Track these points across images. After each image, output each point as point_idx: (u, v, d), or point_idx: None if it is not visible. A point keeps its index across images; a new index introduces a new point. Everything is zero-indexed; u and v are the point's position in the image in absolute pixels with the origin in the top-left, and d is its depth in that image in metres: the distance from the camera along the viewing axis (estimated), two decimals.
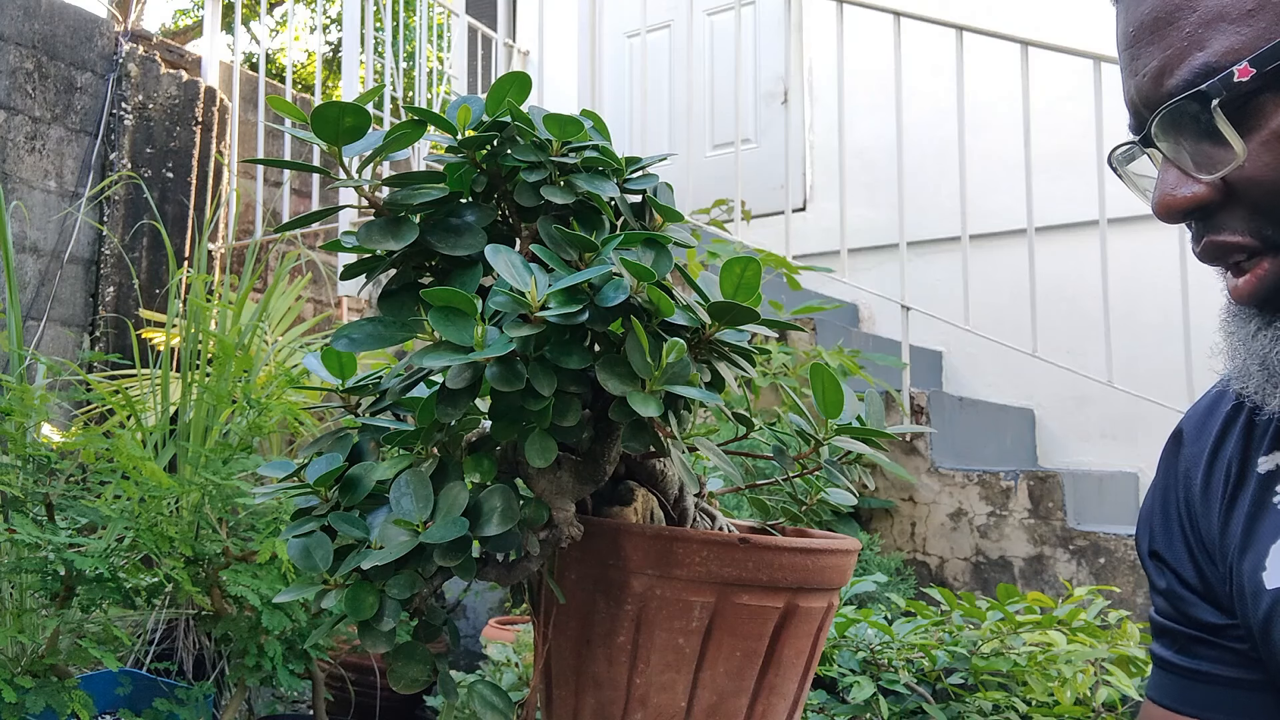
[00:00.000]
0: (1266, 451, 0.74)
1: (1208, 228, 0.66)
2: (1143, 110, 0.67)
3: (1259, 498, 0.72)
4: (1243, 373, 0.68)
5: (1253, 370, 0.67)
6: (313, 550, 0.76)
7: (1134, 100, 0.68)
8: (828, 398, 0.87)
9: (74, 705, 1.63)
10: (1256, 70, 0.59)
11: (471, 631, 3.10)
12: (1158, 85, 0.64)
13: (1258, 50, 0.60)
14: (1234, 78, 0.60)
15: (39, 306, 3.51)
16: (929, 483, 2.94)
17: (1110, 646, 1.84)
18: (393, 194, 0.81)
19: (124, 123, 3.76)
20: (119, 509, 1.74)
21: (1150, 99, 0.65)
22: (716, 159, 4.35)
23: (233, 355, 2.15)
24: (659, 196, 0.87)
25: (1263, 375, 0.66)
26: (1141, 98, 0.66)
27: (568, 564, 0.84)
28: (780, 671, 0.84)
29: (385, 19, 4.35)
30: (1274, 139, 0.61)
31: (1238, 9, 0.61)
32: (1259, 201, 0.63)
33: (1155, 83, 0.65)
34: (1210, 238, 0.66)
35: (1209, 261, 0.68)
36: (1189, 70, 0.62)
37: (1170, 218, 0.67)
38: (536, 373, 0.72)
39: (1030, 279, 2.96)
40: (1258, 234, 0.64)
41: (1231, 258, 0.66)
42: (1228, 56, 0.61)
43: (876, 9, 3.26)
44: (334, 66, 7.08)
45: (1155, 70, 0.65)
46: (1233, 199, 0.64)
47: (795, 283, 3.22)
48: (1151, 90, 0.65)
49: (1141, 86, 0.66)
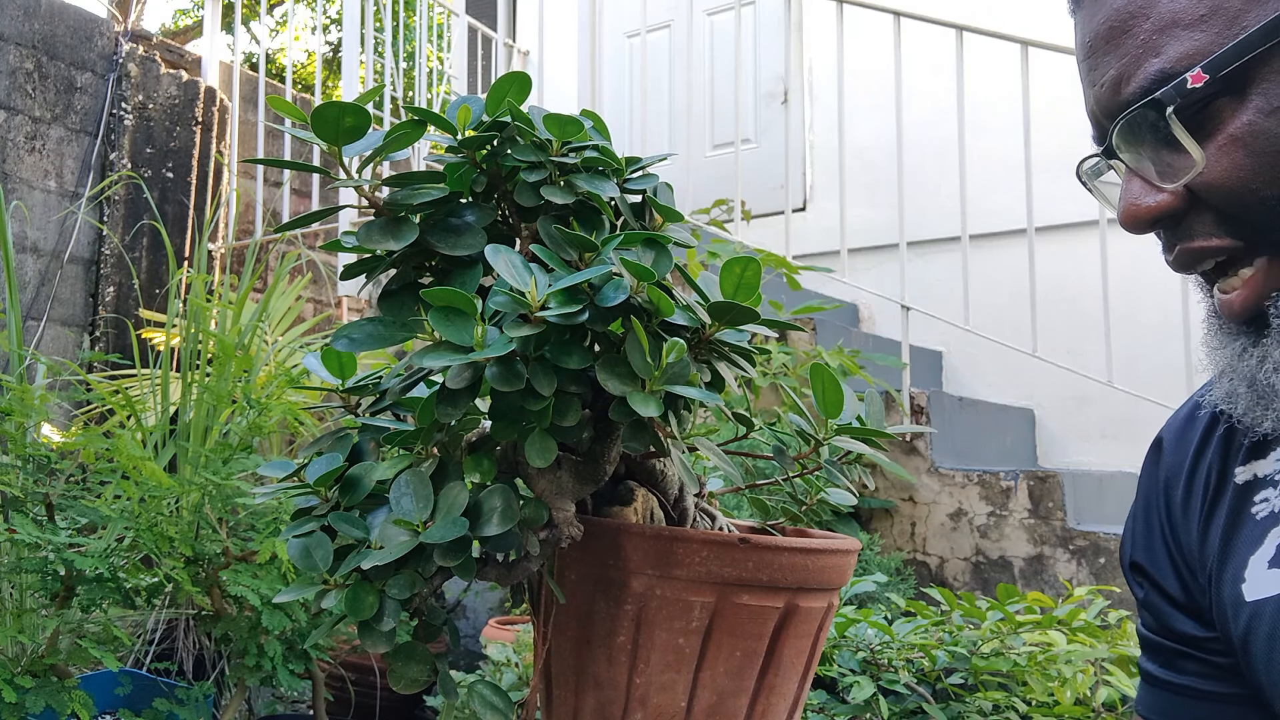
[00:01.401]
0: (1244, 462, 0.73)
1: (1178, 235, 0.65)
2: (1103, 121, 0.66)
3: (1236, 508, 0.72)
4: (1230, 394, 0.67)
5: (1240, 391, 0.65)
6: (313, 550, 0.76)
7: (1094, 111, 0.67)
8: (828, 398, 0.87)
9: (74, 705, 1.63)
10: (1210, 76, 0.59)
11: (471, 631, 3.10)
12: (1115, 94, 0.64)
13: (1211, 55, 0.59)
14: (1188, 84, 0.59)
15: (39, 306, 3.51)
16: (929, 483, 2.94)
17: (1110, 646, 1.84)
18: (393, 194, 0.81)
19: (124, 123, 3.76)
20: (119, 509, 1.74)
21: (1109, 109, 0.65)
22: (716, 159, 4.35)
23: (233, 355, 2.15)
24: (659, 196, 0.87)
25: (1251, 396, 0.65)
26: (1101, 108, 0.66)
27: (568, 564, 0.84)
28: (780, 671, 0.84)
29: (385, 19, 4.35)
30: (1230, 143, 0.60)
31: (1190, 14, 0.60)
32: (1222, 206, 0.62)
33: (1113, 92, 0.64)
34: (1183, 245, 0.65)
35: (1183, 270, 0.67)
36: (1145, 78, 0.62)
37: (1137, 228, 0.66)
38: (536, 373, 0.72)
39: (1030, 279, 2.96)
40: (1234, 235, 0.63)
41: (1206, 263, 0.65)
42: (1182, 62, 0.60)
43: (876, 9, 3.26)
44: (334, 66, 7.08)
45: (1113, 79, 0.64)
46: (1198, 205, 0.63)
47: (795, 283, 3.22)
48: (1110, 100, 0.65)
49: (1101, 97, 0.65)
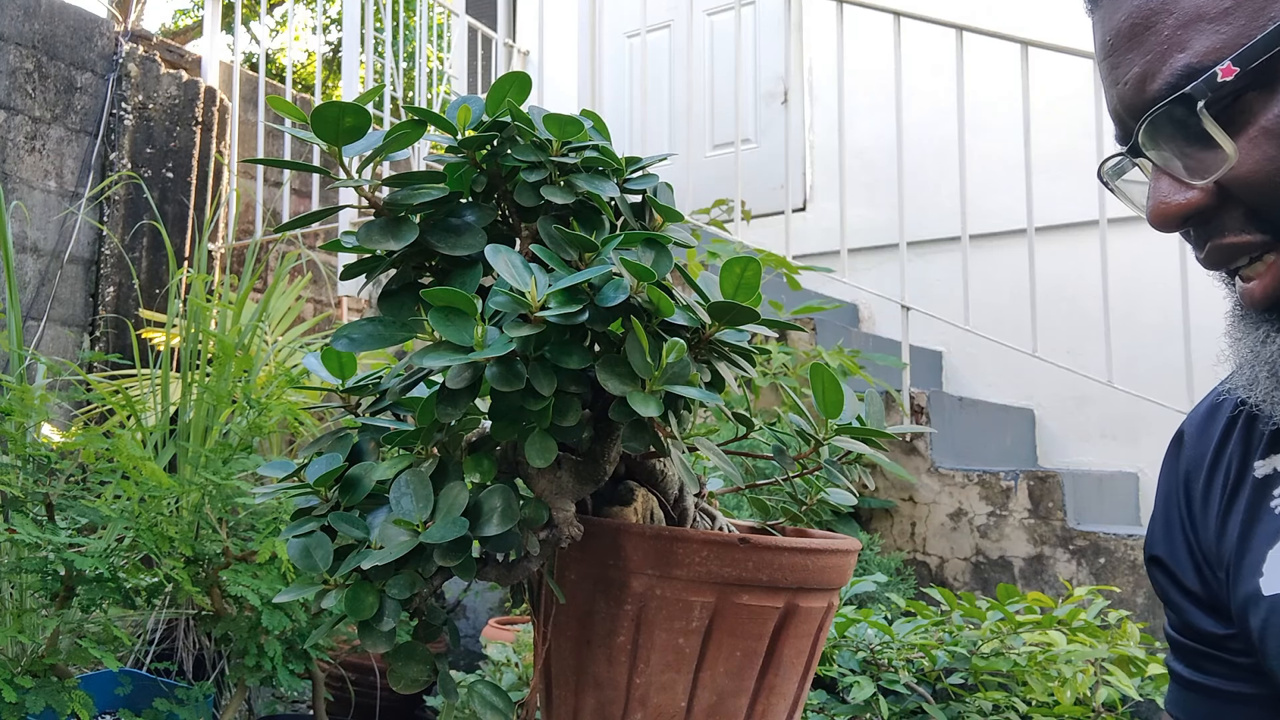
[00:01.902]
0: (1263, 455, 0.73)
1: (1209, 232, 0.65)
2: (1127, 119, 0.66)
3: (1255, 503, 0.71)
4: (1250, 381, 0.67)
5: (1261, 378, 0.65)
6: (313, 550, 0.76)
7: (1118, 110, 0.66)
8: (828, 398, 0.87)
9: (74, 705, 1.63)
10: (1240, 69, 0.58)
11: (471, 631, 3.10)
12: (1140, 92, 0.63)
13: (1239, 48, 0.59)
14: (1218, 78, 0.59)
15: (39, 306, 3.51)
16: (929, 483, 2.94)
17: (1110, 646, 1.84)
18: (393, 194, 0.81)
19: (124, 123, 3.76)
20: (119, 509, 1.74)
21: (1134, 107, 0.64)
22: (716, 159, 4.35)
23: (233, 355, 2.15)
24: (659, 196, 0.87)
25: (1271, 383, 0.65)
26: (1125, 106, 0.65)
27: (568, 564, 0.84)
28: (780, 671, 0.84)
29: (385, 19, 4.35)
30: (1262, 136, 0.60)
31: (1215, 8, 0.60)
32: (1255, 200, 0.62)
33: (1138, 90, 0.64)
34: (1215, 241, 0.65)
35: (1215, 267, 0.66)
36: (1171, 73, 0.61)
37: (1167, 227, 0.65)
38: (536, 373, 0.72)
39: (1030, 279, 2.96)
40: (1265, 229, 0.62)
41: (1240, 259, 0.65)
42: (1209, 56, 0.60)
43: (876, 9, 3.26)
44: (334, 66, 7.08)
45: (1137, 77, 0.63)
46: (1229, 201, 0.63)
47: (795, 283, 3.22)
48: (1135, 97, 0.64)
49: (1124, 95, 0.65)
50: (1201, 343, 2.77)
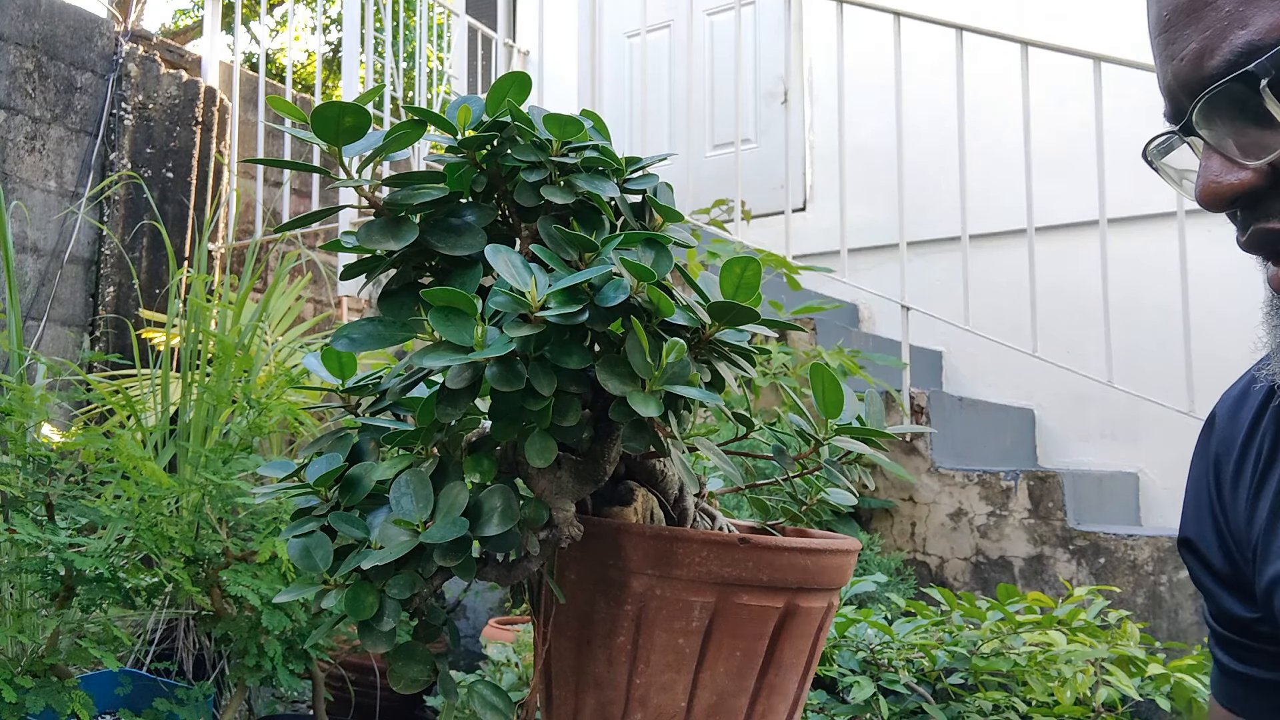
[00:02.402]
0: None
1: (1255, 215, 0.63)
2: (1182, 97, 0.63)
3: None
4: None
5: None
6: (313, 550, 0.76)
7: (1171, 86, 0.64)
8: (828, 398, 0.87)
9: (74, 705, 1.63)
10: None
11: (471, 631, 3.10)
12: (1198, 68, 0.61)
13: None
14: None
15: (39, 306, 3.51)
16: (929, 483, 2.94)
17: (1110, 646, 1.85)
18: (393, 194, 0.81)
19: (124, 123, 3.76)
20: (119, 509, 1.74)
21: (1190, 84, 0.62)
22: (716, 159, 4.35)
23: (233, 355, 2.15)
24: (659, 196, 0.87)
25: None
26: (1180, 83, 0.63)
27: (568, 564, 0.84)
28: (780, 671, 0.84)
29: (385, 19, 4.35)
30: None
31: None
32: None
33: (1195, 66, 0.61)
34: (1259, 225, 0.63)
35: (1255, 250, 0.64)
36: (1231, 50, 0.59)
37: (1216, 206, 0.63)
38: (536, 373, 0.72)
39: (1030, 279, 2.96)
40: None
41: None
42: (1273, 33, 0.57)
43: (876, 9, 3.26)
44: (334, 66, 7.08)
45: (1194, 53, 0.61)
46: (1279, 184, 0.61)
47: (795, 283, 3.22)
48: (1191, 74, 0.61)
49: (1180, 71, 0.62)
50: (1201, 342, 2.77)
